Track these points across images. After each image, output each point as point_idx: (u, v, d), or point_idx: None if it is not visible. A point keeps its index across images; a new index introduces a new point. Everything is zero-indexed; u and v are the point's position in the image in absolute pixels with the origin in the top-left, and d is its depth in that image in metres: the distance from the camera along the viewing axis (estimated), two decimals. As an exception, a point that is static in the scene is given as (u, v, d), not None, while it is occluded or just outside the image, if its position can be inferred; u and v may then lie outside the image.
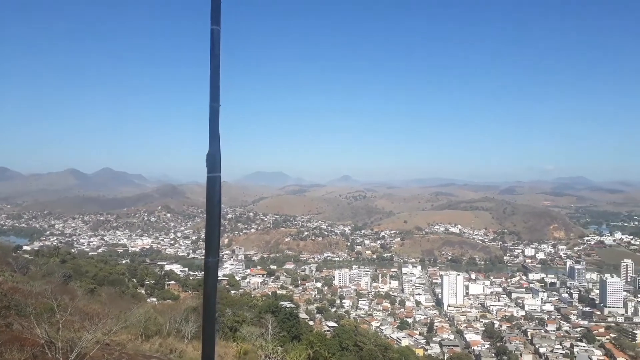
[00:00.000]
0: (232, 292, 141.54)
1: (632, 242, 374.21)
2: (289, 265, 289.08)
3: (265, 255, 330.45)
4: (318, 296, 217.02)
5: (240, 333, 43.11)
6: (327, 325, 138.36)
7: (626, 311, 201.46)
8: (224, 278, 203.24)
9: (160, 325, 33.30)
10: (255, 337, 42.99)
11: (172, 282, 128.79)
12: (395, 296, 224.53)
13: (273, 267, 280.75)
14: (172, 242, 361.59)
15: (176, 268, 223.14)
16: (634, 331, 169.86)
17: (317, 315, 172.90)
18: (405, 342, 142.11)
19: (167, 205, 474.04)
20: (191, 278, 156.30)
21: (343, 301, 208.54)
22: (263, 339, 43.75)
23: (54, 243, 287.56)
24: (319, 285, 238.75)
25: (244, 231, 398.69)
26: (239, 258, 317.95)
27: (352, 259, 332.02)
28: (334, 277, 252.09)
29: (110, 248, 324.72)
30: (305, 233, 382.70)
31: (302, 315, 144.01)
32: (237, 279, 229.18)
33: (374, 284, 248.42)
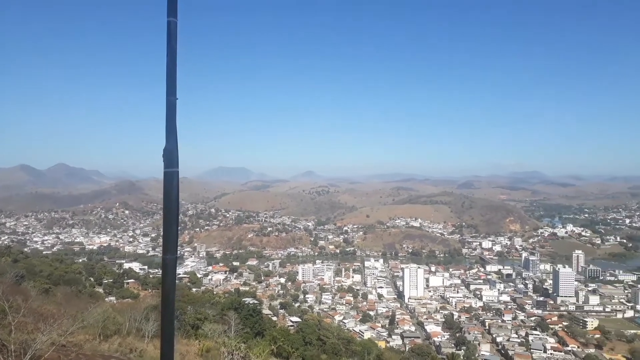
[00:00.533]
0: (194, 289, 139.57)
1: (583, 233, 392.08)
2: (252, 262, 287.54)
3: (227, 252, 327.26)
4: (281, 292, 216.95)
5: (203, 330, 42.66)
6: (291, 321, 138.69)
7: (577, 300, 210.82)
8: (185, 275, 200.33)
9: (120, 324, 32.57)
10: (217, 334, 42.64)
11: (132, 280, 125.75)
12: (357, 290, 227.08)
13: (236, 263, 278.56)
14: (131, 239, 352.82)
15: (135, 266, 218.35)
16: (585, 319, 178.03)
17: (281, 310, 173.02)
18: (367, 335, 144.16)
19: (125, 201, 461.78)
20: (151, 276, 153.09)
21: (306, 296, 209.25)
22: (226, 335, 43.46)
23: (6, 242, 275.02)
24: (282, 280, 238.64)
25: (206, 228, 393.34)
26: (201, 255, 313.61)
27: (316, 253, 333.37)
28: (297, 272, 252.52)
29: (65, 246, 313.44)
30: (269, 229, 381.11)
31: (266, 311, 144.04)
32: (199, 276, 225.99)
33: (337, 278, 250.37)
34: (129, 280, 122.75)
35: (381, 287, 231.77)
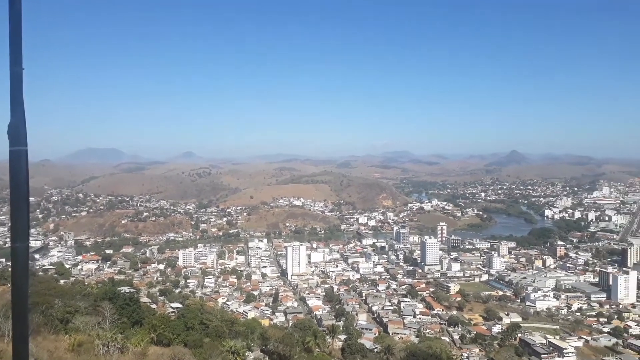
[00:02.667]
0: (62, 281, 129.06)
1: (446, 207, 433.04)
2: (128, 249, 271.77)
3: (99, 240, 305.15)
4: (161, 278, 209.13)
5: (74, 324, 40.13)
6: (172, 307, 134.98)
7: (442, 268, 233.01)
8: (52, 267, 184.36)
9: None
10: (91, 327, 40.44)
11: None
12: (241, 271, 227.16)
13: (109, 251, 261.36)
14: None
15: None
16: (448, 284, 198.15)
17: (161, 297, 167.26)
18: (251, 315, 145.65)
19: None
20: (9, 269, 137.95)
21: (188, 281, 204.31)
22: (100, 328, 41.38)
23: None
24: (161, 267, 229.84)
25: (73, 215, 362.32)
26: (69, 244, 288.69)
27: (197, 237, 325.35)
28: (177, 257, 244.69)
29: None
30: (145, 214, 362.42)
31: (144, 299, 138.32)
32: (67, 266, 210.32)
33: (221, 261, 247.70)
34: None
35: (265, 267, 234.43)
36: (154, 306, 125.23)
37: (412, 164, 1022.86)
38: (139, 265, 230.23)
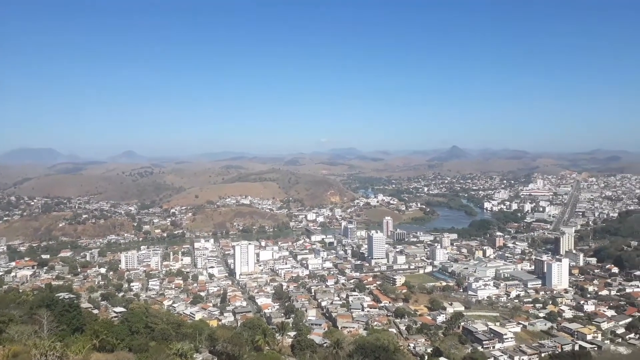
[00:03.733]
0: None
1: (391, 202, 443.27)
2: (66, 253, 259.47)
3: (34, 245, 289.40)
4: (102, 282, 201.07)
5: (8, 334, 38.02)
6: (115, 312, 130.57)
7: (388, 261, 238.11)
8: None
9: None
10: (27, 337, 38.49)
11: None
12: (188, 272, 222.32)
13: (46, 256, 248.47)
14: None
15: None
16: (394, 277, 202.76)
17: (103, 302, 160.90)
18: (199, 316, 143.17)
19: None
20: None
21: (132, 284, 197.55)
22: (37, 336, 39.47)
23: None
24: (103, 270, 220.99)
25: (5, 219, 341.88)
26: (0, 250, 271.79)
27: (140, 239, 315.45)
28: (120, 260, 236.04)
29: None
30: (84, 216, 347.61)
31: (85, 305, 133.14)
32: (0, 273, 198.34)
33: (165, 263, 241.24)
34: None
35: (212, 267, 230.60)
36: (95, 311, 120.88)
37: (359, 161, 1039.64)
38: (79, 270, 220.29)
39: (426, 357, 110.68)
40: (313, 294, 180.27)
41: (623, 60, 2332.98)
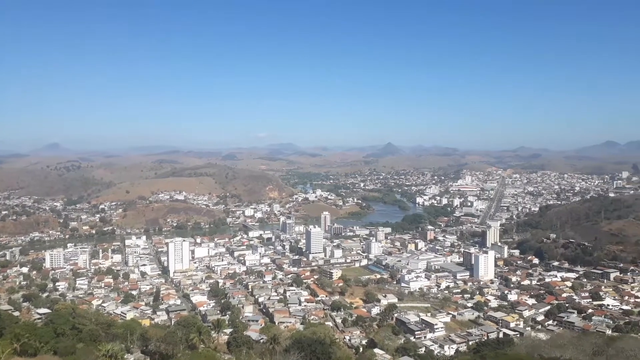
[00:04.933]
0: None
1: (329, 197, 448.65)
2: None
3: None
4: (25, 282, 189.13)
5: None
6: (38, 313, 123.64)
7: (325, 255, 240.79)
8: None
9: None
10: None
11: None
12: (118, 270, 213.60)
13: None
14: None
15: None
16: (331, 271, 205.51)
17: (25, 304, 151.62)
18: (130, 315, 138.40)
19: None
20: None
21: (57, 284, 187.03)
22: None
23: None
24: (25, 270, 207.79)
25: None
26: None
27: (67, 236, 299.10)
28: (44, 259, 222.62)
29: None
30: (4, 212, 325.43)
31: (5, 306, 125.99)
32: None
33: (94, 261, 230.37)
34: None
35: (144, 265, 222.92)
36: (17, 314, 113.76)
37: (297, 156, 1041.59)
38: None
39: (361, 348, 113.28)
40: (250, 290, 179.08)
41: (544, 63, 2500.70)
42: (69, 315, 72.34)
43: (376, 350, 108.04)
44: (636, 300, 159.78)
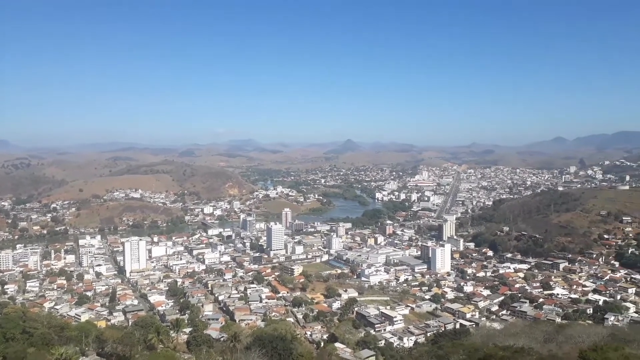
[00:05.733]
0: None
1: (290, 194, 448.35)
2: None
3: None
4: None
5: None
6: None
7: (287, 251, 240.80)
8: None
9: None
10: None
11: None
12: (72, 271, 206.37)
13: None
14: None
15: None
16: (292, 267, 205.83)
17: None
18: (85, 317, 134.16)
19: None
20: None
21: (6, 287, 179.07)
22: None
23: None
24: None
25: None
26: None
27: (16, 237, 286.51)
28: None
29: None
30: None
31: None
32: None
33: (46, 262, 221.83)
34: None
35: (100, 265, 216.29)
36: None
37: (258, 153, 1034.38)
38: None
39: (322, 343, 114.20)
40: (210, 288, 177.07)
41: (494, 61, 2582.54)
42: (19, 319, 69.54)
43: (337, 345, 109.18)
44: (583, 289, 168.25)
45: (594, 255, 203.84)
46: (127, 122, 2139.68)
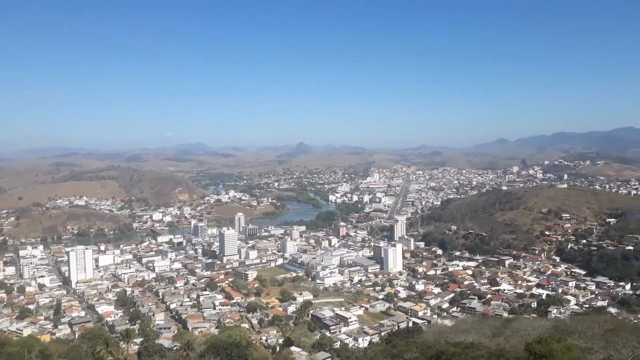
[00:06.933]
0: None
1: (243, 198, 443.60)
2: None
3: None
4: None
5: None
6: None
7: (240, 257, 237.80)
8: None
9: None
10: None
11: None
12: (12, 284, 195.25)
13: None
14: None
15: None
16: (247, 272, 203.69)
17: None
18: (27, 332, 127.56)
19: None
20: None
21: None
22: None
23: None
24: None
25: None
26: None
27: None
28: None
29: None
30: None
31: None
32: None
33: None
34: None
35: (43, 277, 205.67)
36: None
37: (208, 156, 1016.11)
38: None
39: (278, 348, 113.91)
40: (161, 297, 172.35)
41: (440, 65, 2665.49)
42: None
43: (293, 348, 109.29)
44: (528, 284, 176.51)
45: (537, 251, 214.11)
46: (70, 126, 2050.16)
